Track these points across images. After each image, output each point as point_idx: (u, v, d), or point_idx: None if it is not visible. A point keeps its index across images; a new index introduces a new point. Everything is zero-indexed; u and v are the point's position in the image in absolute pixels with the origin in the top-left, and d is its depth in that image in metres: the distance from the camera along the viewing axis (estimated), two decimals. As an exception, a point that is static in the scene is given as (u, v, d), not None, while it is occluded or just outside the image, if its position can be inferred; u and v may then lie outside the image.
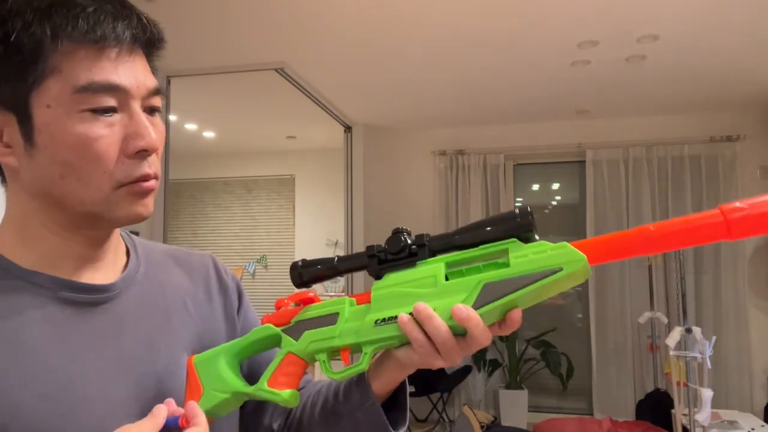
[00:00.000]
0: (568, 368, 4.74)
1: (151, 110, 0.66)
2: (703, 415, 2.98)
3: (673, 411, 3.47)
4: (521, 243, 0.59)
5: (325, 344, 0.63)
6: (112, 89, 0.61)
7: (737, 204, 0.50)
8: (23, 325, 0.60)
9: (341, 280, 5.35)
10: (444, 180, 5.31)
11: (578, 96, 4.46)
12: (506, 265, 0.58)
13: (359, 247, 4.65)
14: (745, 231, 0.50)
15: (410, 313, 0.60)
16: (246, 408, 0.81)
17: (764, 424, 3.67)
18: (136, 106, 0.63)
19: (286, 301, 0.70)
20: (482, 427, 4.20)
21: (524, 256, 0.57)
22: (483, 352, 4.88)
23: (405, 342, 0.61)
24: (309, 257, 0.71)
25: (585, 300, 5.08)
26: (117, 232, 0.72)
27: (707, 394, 2.99)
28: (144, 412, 0.61)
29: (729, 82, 4.17)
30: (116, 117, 0.62)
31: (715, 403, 3.43)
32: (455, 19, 3.09)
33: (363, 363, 0.61)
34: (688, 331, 3.27)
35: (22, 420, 0.57)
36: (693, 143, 4.83)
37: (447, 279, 0.61)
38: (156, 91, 0.66)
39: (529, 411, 4.75)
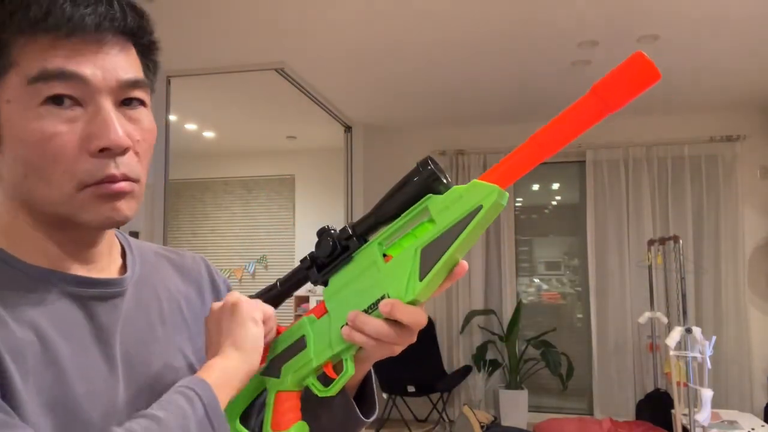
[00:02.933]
0: (568, 368, 4.74)
1: (128, 102, 0.61)
2: (703, 415, 2.98)
3: (673, 411, 3.47)
4: (436, 195, 0.58)
5: (306, 370, 0.63)
6: (66, 77, 0.57)
7: (605, 78, 0.52)
8: (36, 316, 0.59)
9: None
10: (444, 180, 5.30)
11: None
12: (433, 222, 0.58)
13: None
14: (619, 98, 0.52)
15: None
16: None
17: (764, 424, 3.68)
18: (104, 100, 0.59)
19: None
20: (482, 427, 4.20)
21: (445, 209, 0.57)
22: (483, 352, 4.89)
23: None
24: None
25: (585, 300, 5.08)
26: (110, 233, 0.70)
27: (707, 394, 2.99)
28: None
29: (729, 83, 4.17)
30: (78, 111, 0.58)
31: (715, 403, 3.43)
32: (455, 19, 3.09)
33: (349, 369, 0.62)
34: (688, 331, 3.27)
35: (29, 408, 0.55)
36: (693, 143, 4.83)
37: (385, 256, 0.61)
38: (133, 84, 0.61)
39: (529, 411, 4.75)
